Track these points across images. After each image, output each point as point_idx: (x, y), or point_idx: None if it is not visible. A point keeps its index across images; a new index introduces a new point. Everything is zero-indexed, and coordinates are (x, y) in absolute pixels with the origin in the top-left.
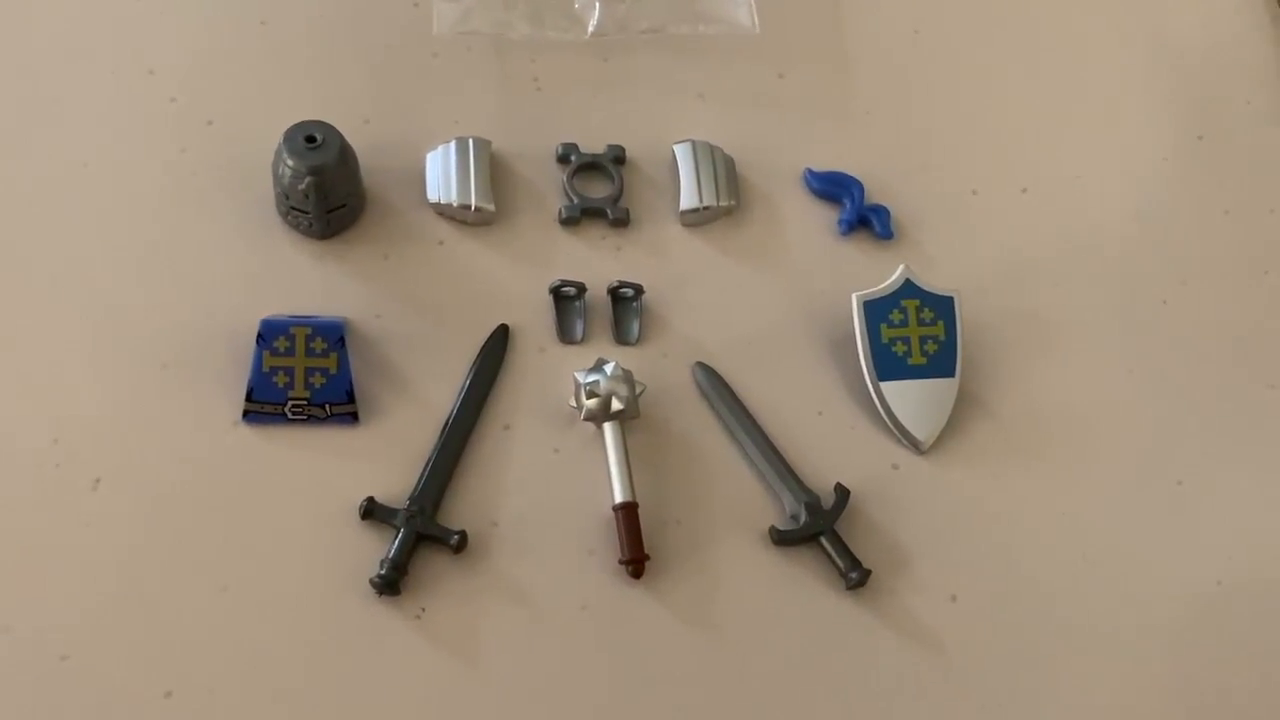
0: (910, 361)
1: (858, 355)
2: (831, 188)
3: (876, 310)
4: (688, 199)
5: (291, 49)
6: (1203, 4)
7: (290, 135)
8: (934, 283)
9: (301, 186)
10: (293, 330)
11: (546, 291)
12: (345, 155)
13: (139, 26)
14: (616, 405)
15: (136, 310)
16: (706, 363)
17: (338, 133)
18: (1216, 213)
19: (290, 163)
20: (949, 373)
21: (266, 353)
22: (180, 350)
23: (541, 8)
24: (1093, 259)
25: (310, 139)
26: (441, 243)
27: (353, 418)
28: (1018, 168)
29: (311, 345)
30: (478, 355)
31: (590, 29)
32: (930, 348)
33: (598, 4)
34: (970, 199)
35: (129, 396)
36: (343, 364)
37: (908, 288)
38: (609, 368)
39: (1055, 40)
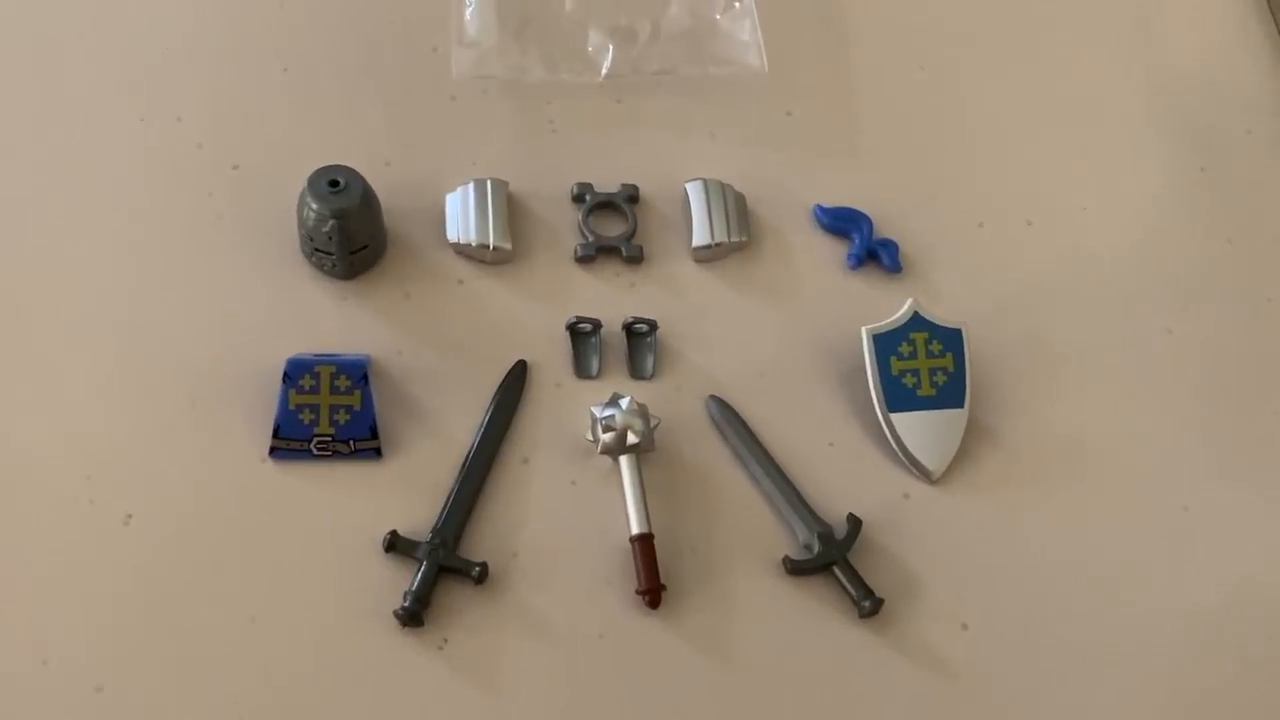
0: (920, 393)
1: (868, 387)
2: (841, 223)
3: (886, 343)
4: (700, 235)
5: (313, 94)
6: (1203, 36)
7: (314, 179)
8: (942, 315)
9: (325, 229)
10: (318, 369)
11: (563, 328)
12: (367, 198)
13: (167, 75)
14: (632, 439)
15: (166, 350)
16: (720, 396)
17: (360, 176)
18: (1220, 241)
19: (314, 206)
20: (958, 403)
21: (292, 391)
22: (209, 388)
23: (556, 51)
24: (1098, 289)
25: (333, 183)
26: (461, 281)
27: (376, 453)
28: (1023, 201)
29: (336, 383)
30: (497, 390)
31: (604, 71)
32: (939, 379)
33: (610, 47)
34: (977, 232)
35: (159, 434)
36: (366, 401)
37: (916, 320)
38: (624, 402)
39: (1058, 75)
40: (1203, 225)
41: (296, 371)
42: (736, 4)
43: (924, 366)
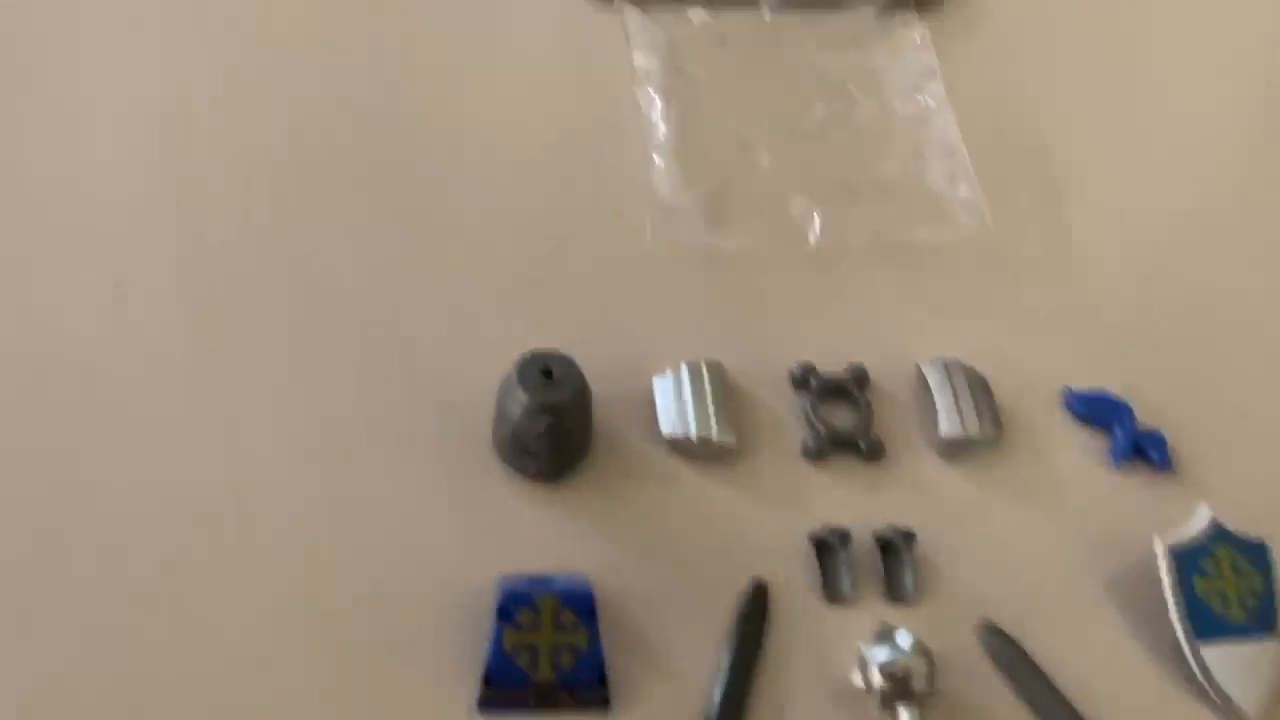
0: (1230, 619)
1: (1165, 609)
2: (1097, 411)
3: (1187, 559)
4: (949, 427)
5: (488, 272)
6: None
7: (525, 368)
8: (1228, 520)
9: (538, 428)
10: (538, 600)
11: (804, 539)
12: (583, 390)
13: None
14: (918, 685)
15: (343, 578)
16: (993, 621)
17: (575, 364)
18: None
19: (524, 399)
20: (1271, 630)
21: (508, 628)
22: (394, 622)
23: (755, 216)
24: None
25: (547, 371)
26: (678, 482)
27: (604, 703)
28: None
29: (560, 618)
30: (736, 620)
31: (812, 239)
32: (1249, 602)
33: (816, 211)
34: (1243, 422)
35: (343, 687)
36: (594, 638)
37: (1217, 532)
38: (904, 639)
39: None
40: None
41: (513, 603)
42: (952, 160)
43: (1231, 587)
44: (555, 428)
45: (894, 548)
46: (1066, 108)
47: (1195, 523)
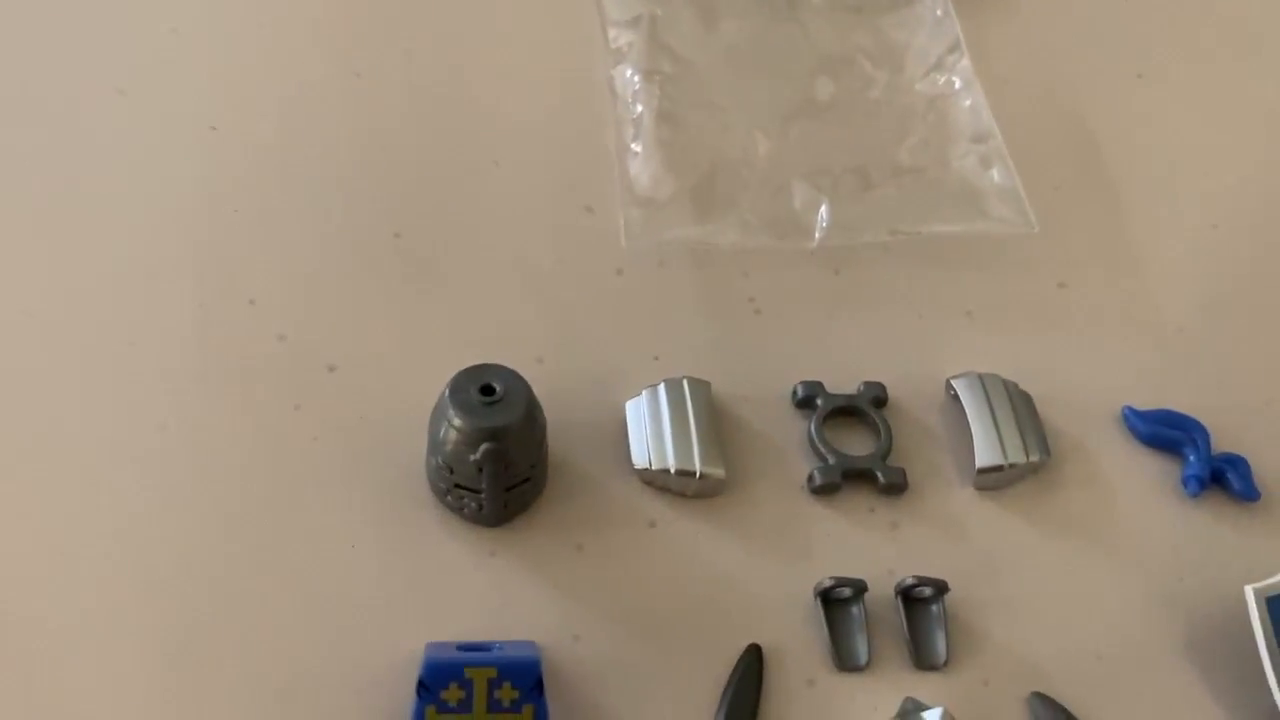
0: None
1: (1251, 670)
2: (1165, 431)
3: None
4: (986, 454)
5: (432, 273)
6: None
7: (460, 384)
8: None
9: (475, 457)
10: (469, 673)
11: (811, 594)
12: (532, 412)
13: (233, 240)
14: None
15: (237, 649)
16: (1046, 693)
17: (522, 380)
18: None
19: (458, 423)
20: None
21: (431, 708)
22: (298, 705)
23: (751, 210)
24: None
25: (486, 389)
26: (653, 524)
27: None
28: None
29: (496, 695)
30: (724, 694)
31: (818, 234)
32: None
33: (824, 203)
34: None
35: None
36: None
37: None
38: (933, 717)
39: None
40: None
41: (438, 678)
42: (980, 145)
43: None
44: (497, 457)
45: (921, 603)
46: (1114, 87)
47: None
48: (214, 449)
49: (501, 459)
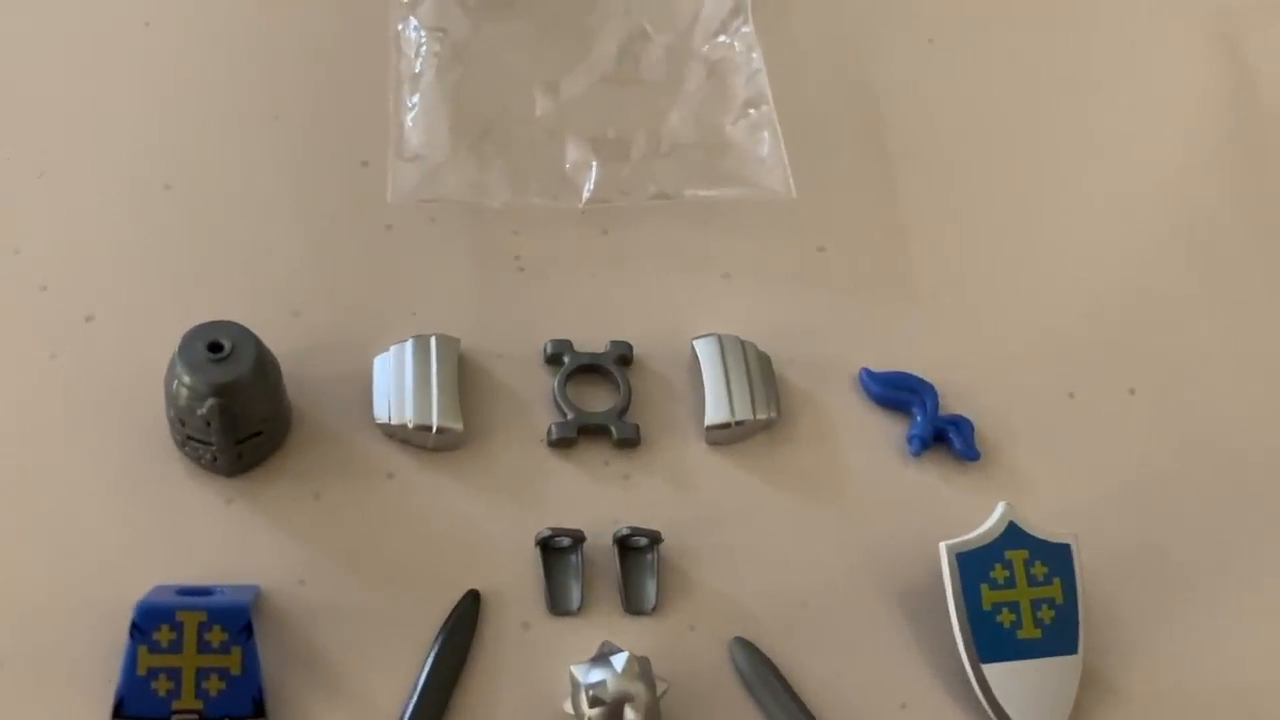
0: (1020, 635)
1: (948, 624)
2: (896, 393)
3: (974, 565)
4: (715, 412)
5: (199, 222)
6: None
7: (187, 343)
8: (1036, 520)
9: (201, 411)
10: (179, 616)
11: (532, 543)
12: (262, 367)
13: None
14: (631, 715)
15: None
16: (747, 637)
17: (253, 337)
18: None
19: (187, 380)
20: (1070, 648)
21: (143, 648)
22: (24, 640)
23: (524, 169)
24: (1229, 479)
25: (214, 346)
26: (391, 476)
27: None
28: (1122, 364)
29: (206, 637)
30: (437, 636)
31: (585, 195)
32: (1045, 615)
33: (594, 164)
34: (1067, 404)
35: None
36: (249, 661)
37: (1012, 534)
38: (619, 660)
39: (1166, 198)
40: None
41: (149, 620)
42: (752, 111)
43: (1025, 598)
44: (226, 410)
45: (636, 551)
46: (905, 53)
47: (989, 523)
48: None
49: (228, 413)
